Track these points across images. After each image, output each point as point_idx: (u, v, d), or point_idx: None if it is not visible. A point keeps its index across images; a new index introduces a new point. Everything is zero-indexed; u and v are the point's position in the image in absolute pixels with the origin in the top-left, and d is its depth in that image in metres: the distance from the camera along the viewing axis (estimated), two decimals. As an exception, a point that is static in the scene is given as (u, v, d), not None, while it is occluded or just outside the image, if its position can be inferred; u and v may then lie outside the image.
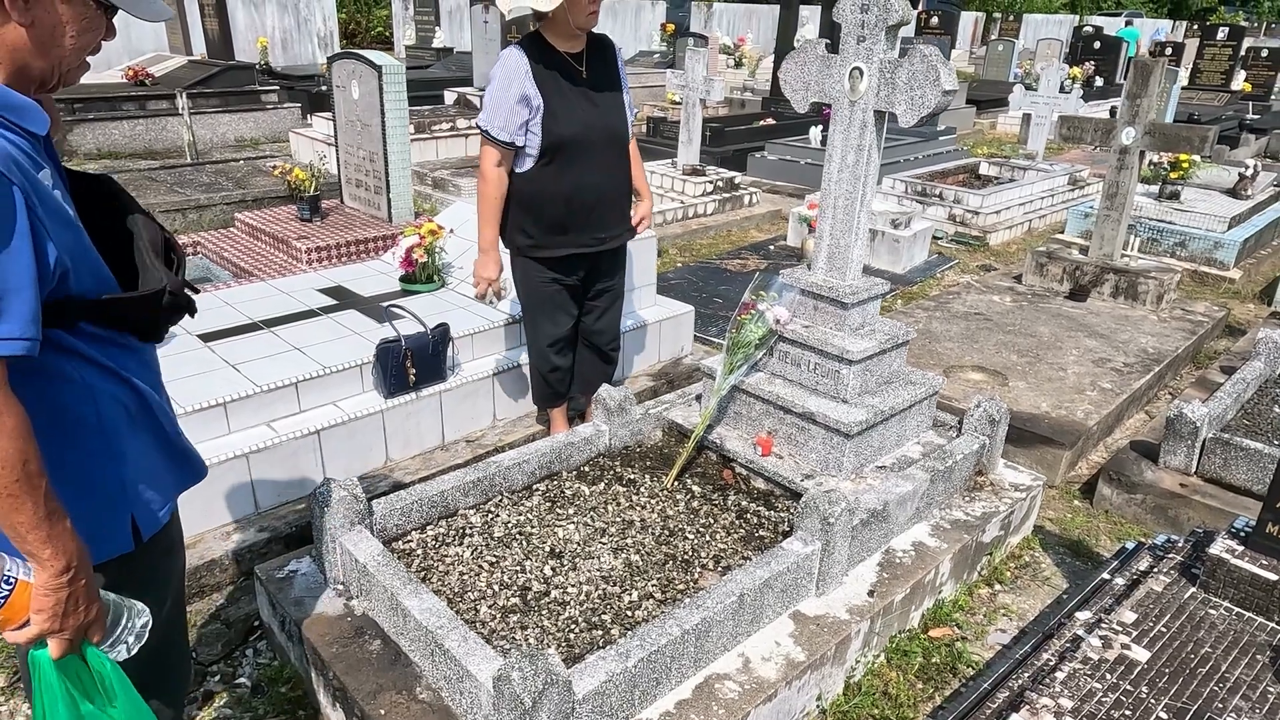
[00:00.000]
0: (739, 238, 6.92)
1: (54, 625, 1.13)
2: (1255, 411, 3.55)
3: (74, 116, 8.49)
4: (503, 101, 2.70)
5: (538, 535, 2.49)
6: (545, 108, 2.70)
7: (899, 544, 2.59)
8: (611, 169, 2.90)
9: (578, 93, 2.75)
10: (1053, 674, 1.93)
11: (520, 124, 2.72)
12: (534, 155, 2.78)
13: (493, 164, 2.79)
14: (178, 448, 1.43)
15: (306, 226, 5.30)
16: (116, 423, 1.28)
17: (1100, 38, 16.38)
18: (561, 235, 2.88)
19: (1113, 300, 5.05)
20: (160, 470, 1.39)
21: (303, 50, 14.72)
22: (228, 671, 2.36)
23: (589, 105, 2.78)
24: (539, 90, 2.69)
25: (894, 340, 2.81)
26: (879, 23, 2.44)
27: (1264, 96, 13.58)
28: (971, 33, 25.19)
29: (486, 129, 2.74)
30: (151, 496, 1.36)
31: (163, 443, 1.39)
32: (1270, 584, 2.09)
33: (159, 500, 1.38)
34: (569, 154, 2.77)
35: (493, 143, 2.75)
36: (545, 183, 2.80)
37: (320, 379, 3.04)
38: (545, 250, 2.90)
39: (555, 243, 2.89)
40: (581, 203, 2.84)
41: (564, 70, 2.73)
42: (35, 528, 1.09)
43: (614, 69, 2.87)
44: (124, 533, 1.32)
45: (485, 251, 2.92)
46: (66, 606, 1.13)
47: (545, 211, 2.84)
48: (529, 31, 2.75)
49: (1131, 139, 4.94)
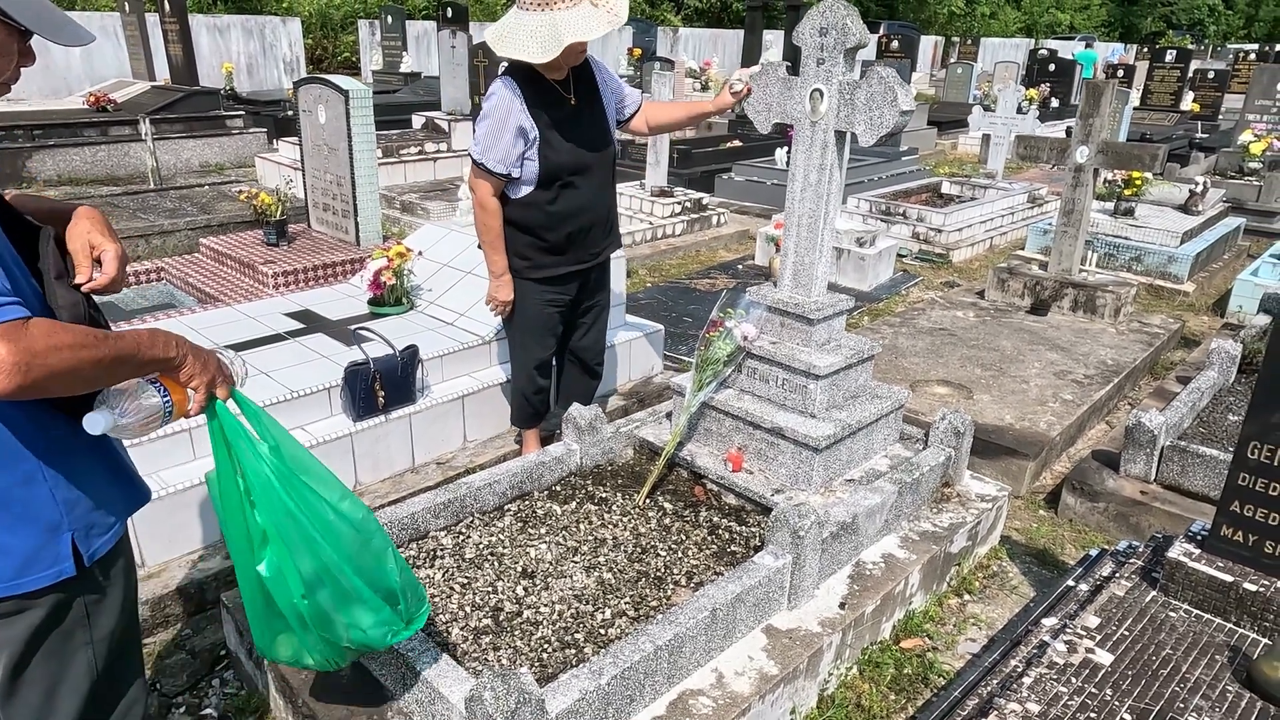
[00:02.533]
0: (707, 258, 6.99)
1: (201, 382, 1.39)
2: (1210, 420, 3.65)
3: (33, 143, 8.36)
4: (500, 136, 2.72)
5: (509, 555, 2.48)
6: (540, 138, 2.75)
7: (869, 556, 2.62)
8: (603, 188, 2.98)
9: (568, 119, 2.80)
10: (1020, 680, 1.96)
11: (517, 156, 2.76)
12: (530, 183, 2.82)
13: (490, 195, 2.82)
14: (123, 470, 1.41)
15: (273, 251, 5.26)
16: (50, 446, 1.26)
17: (1055, 60, 16.85)
18: (559, 255, 2.95)
19: (1072, 314, 5.17)
20: (104, 493, 1.36)
21: (268, 75, 14.66)
22: (193, 703, 2.32)
23: (580, 130, 2.83)
24: (534, 122, 2.73)
25: (860, 355, 2.85)
26: (837, 46, 2.51)
27: (1212, 116, 14.03)
28: (931, 56, 25.78)
29: (483, 162, 2.76)
30: (95, 520, 1.34)
31: (106, 465, 1.37)
32: (1227, 585, 2.14)
33: (102, 524, 1.35)
34: (565, 179, 2.83)
35: (488, 175, 2.78)
36: (543, 208, 2.85)
37: (287, 403, 3.01)
38: (543, 270, 2.96)
39: (553, 263, 2.95)
40: (578, 224, 2.91)
41: (554, 99, 2.77)
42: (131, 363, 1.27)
43: (596, 89, 2.92)
44: (64, 556, 1.30)
45: (499, 276, 2.95)
46: (195, 369, 1.38)
47: (544, 235, 2.90)
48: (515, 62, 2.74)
49: (1086, 157, 5.08)
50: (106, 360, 1.21)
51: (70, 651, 1.37)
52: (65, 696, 1.38)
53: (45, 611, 1.32)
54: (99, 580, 1.38)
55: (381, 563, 1.66)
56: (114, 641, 1.43)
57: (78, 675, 1.38)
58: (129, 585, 1.48)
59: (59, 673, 1.37)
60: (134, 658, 1.54)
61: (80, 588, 1.34)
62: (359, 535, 1.62)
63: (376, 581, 1.65)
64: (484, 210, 2.84)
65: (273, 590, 1.56)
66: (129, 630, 1.50)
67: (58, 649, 1.36)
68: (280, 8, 17.11)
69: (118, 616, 1.44)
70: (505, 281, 2.95)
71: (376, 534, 1.67)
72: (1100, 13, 38.44)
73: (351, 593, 1.60)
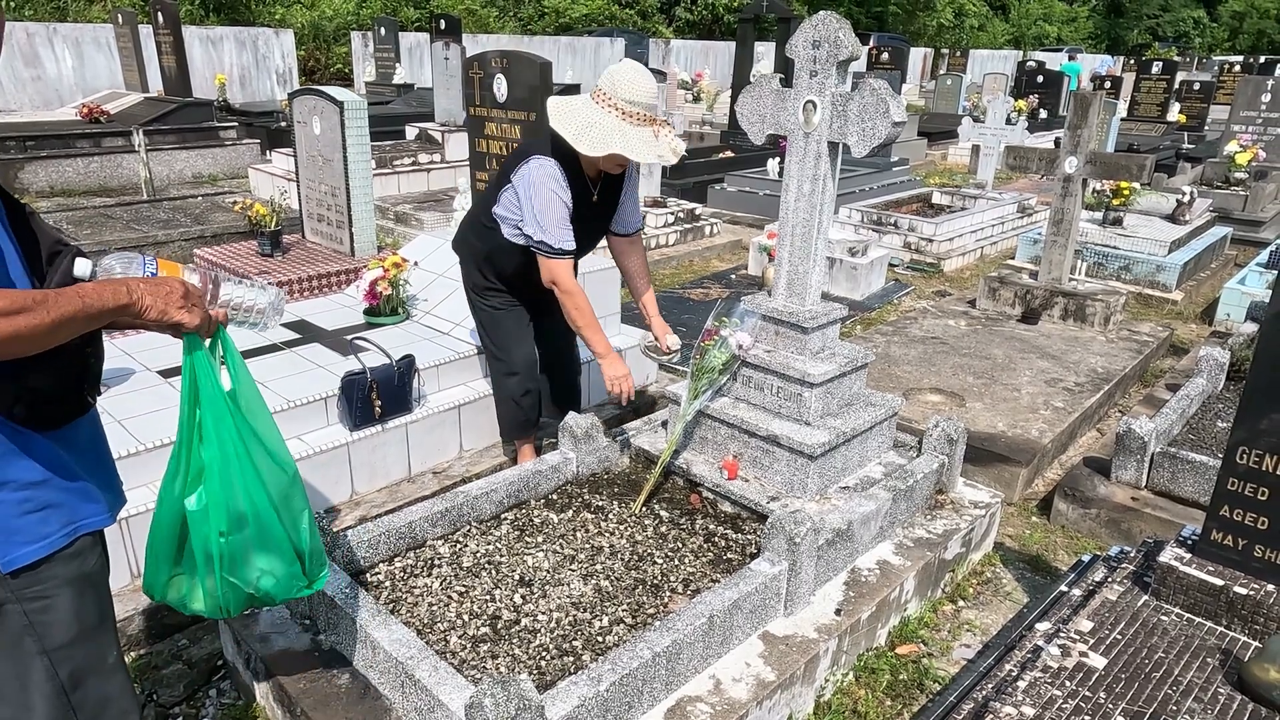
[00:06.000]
0: (701, 267, 7.02)
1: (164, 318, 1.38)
2: (1200, 426, 3.68)
3: (25, 154, 8.35)
4: (559, 216, 2.77)
5: (507, 564, 2.49)
6: None
7: (864, 563, 2.64)
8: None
9: (585, 211, 2.88)
10: (1015, 684, 1.97)
11: (570, 228, 2.81)
12: (523, 236, 2.87)
13: (570, 275, 2.84)
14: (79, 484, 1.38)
15: (267, 261, 5.27)
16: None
17: (1043, 72, 17.02)
18: (514, 296, 3.11)
19: (1063, 322, 5.21)
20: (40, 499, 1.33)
21: (261, 86, 14.68)
22: (190, 713, 2.31)
23: (588, 224, 2.92)
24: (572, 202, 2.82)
25: (854, 363, 2.88)
26: (830, 58, 2.54)
27: (1198, 127, 14.20)
28: (921, 68, 26.00)
29: (558, 246, 2.78)
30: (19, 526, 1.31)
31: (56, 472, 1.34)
32: (1217, 589, 2.17)
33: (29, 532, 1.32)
34: None
35: (562, 256, 2.80)
36: (526, 265, 2.93)
37: (284, 413, 3.01)
38: (498, 298, 3.11)
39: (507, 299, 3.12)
40: (541, 291, 2.96)
41: (581, 188, 2.85)
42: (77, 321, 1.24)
43: (617, 196, 3.01)
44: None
45: (607, 355, 2.92)
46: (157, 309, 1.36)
47: (515, 286, 3.04)
48: (551, 135, 2.75)
49: (1075, 168, 5.14)
50: (47, 324, 1.19)
51: (23, 657, 1.35)
52: (37, 701, 1.37)
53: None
54: (35, 589, 1.34)
55: (298, 521, 1.72)
56: (79, 658, 1.41)
57: (40, 682, 1.36)
58: (84, 599, 1.42)
59: (23, 675, 1.36)
60: (111, 679, 1.48)
61: (9, 594, 1.32)
62: (287, 489, 1.68)
63: (293, 535, 1.70)
64: (572, 295, 2.82)
65: (193, 525, 1.59)
66: (97, 649, 1.45)
67: (12, 654, 1.34)
68: (273, 19, 17.14)
69: (73, 631, 1.39)
70: (615, 358, 2.92)
71: (299, 494, 1.72)
72: (1087, 25, 38.86)
73: (272, 540, 1.66)
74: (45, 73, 12.12)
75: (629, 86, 2.65)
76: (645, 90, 2.66)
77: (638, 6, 23.58)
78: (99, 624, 1.46)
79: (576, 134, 2.64)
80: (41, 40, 12.05)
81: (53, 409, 1.34)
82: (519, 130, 4.20)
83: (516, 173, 2.80)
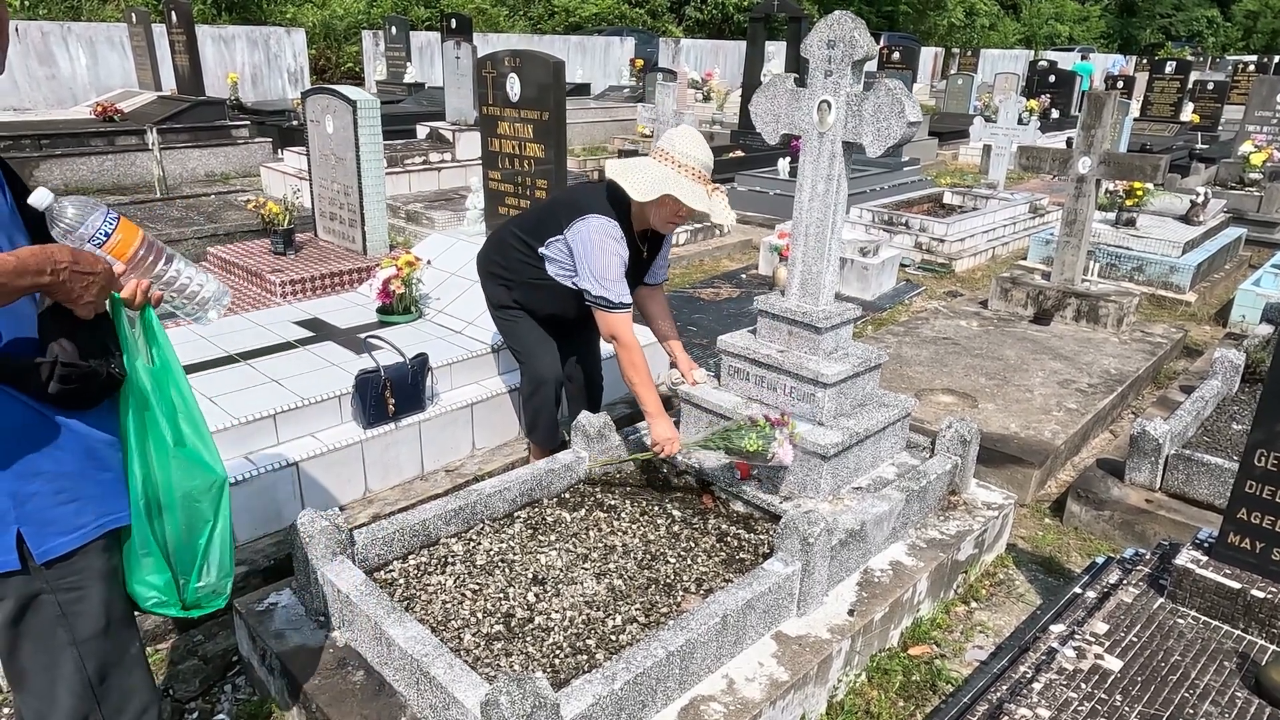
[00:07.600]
0: (711, 267, 7.02)
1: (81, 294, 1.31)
2: (1214, 428, 3.66)
3: (40, 152, 8.41)
4: (618, 272, 2.79)
5: (520, 562, 2.49)
6: None
7: (877, 563, 2.63)
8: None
9: (631, 265, 2.90)
10: (1029, 686, 1.97)
11: (626, 283, 2.84)
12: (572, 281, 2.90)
13: (630, 329, 2.82)
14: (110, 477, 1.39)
15: (280, 260, 5.30)
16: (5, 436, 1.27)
17: (1055, 71, 16.94)
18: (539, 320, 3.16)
19: (1075, 323, 5.19)
20: (75, 492, 1.34)
21: (273, 85, 14.74)
22: (205, 708, 2.33)
23: (632, 275, 2.94)
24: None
25: (867, 364, 2.87)
26: (845, 58, 2.54)
27: (1211, 127, 14.10)
28: (932, 67, 25.90)
29: (618, 301, 2.78)
30: (56, 517, 1.32)
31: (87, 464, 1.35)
32: (1235, 592, 2.15)
33: (66, 523, 1.34)
34: None
35: (623, 310, 2.81)
36: (559, 299, 3.00)
37: (298, 410, 3.03)
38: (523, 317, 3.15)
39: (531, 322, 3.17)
40: (568, 326, 3.13)
41: (632, 244, 2.88)
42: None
43: (655, 253, 3.07)
44: (7, 548, 1.30)
45: (657, 416, 2.80)
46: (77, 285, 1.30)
47: (540, 314, 3.10)
48: (608, 187, 2.82)
49: (1088, 168, 5.12)
50: None
51: (55, 649, 1.37)
52: (63, 693, 1.39)
53: (14, 603, 1.33)
54: (69, 579, 1.36)
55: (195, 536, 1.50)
56: (107, 651, 1.42)
57: (69, 674, 1.39)
58: (113, 592, 1.44)
59: (52, 667, 1.38)
60: (134, 672, 1.51)
61: (44, 585, 1.34)
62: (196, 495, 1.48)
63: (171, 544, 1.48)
64: (630, 350, 2.79)
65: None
66: (123, 641, 1.47)
67: (43, 644, 1.37)
68: (285, 18, 17.21)
69: (102, 623, 1.41)
70: (665, 420, 2.81)
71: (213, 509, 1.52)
72: (1099, 24, 38.61)
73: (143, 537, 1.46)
74: (60, 71, 12.20)
75: (686, 142, 2.73)
76: (701, 149, 2.74)
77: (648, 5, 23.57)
78: (124, 616, 1.49)
79: (633, 182, 2.70)
80: (56, 39, 12.13)
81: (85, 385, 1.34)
82: (531, 129, 4.21)
83: (572, 228, 2.81)
